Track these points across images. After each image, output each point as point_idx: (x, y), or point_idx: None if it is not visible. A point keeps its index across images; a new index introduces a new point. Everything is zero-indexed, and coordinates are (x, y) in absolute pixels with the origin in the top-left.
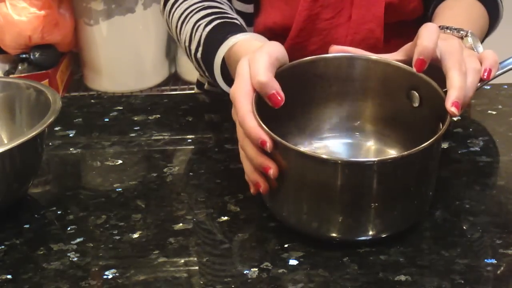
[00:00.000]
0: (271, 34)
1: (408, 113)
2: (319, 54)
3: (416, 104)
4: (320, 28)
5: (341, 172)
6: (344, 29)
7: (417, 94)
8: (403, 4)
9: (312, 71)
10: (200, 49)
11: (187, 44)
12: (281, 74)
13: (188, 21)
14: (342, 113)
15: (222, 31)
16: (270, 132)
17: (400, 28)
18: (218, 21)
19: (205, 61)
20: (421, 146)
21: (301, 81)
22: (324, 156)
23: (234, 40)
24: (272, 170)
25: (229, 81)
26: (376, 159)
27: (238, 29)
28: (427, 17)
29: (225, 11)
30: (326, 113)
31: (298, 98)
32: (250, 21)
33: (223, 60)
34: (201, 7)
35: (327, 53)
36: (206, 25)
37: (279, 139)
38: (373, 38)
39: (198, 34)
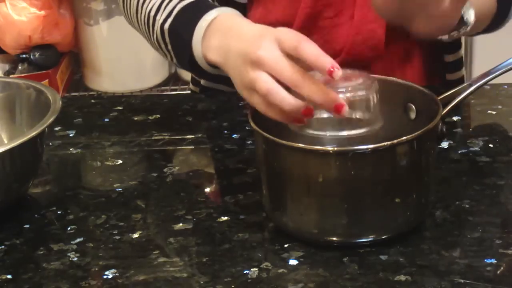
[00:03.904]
0: None
1: (408, 128)
2: None
3: (413, 117)
4: (321, 26)
5: (334, 161)
6: (346, 28)
7: (413, 107)
8: None
9: None
10: (170, 20)
11: (152, 14)
12: None
13: None
14: (344, 136)
15: (200, 5)
16: (264, 133)
17: (402, 31)
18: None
19: (174, 32)
20: (410, 136)
21: None
22: (316, 147)
23: (215, 14)
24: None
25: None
26: (370, 146)
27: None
28: None
29: None
30: (326, 137)
31: None
32: (243, 12)
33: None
34: None
35: (327, 52)
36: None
37: (272, 137)
38: (375, 39)
39: (171, 5)
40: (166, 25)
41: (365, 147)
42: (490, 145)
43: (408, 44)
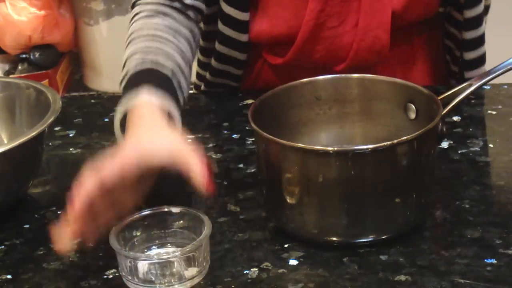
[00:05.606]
0: (276, 43)
1: (408, 128)
2: (322, 62)
3: (412, 117)
4: (325, 36)
5: (334, 161)
6: (350, 36)
7: (413, 107)
8: (408, 11)
9: (310, 93)
10: (124, 82)
11: (123, 63)
12: (279, 94)
13: (132, 45)
14: (344, 135)
15: (139, 83)
16: (264, 133)
17: (405, 35)
18: (148, 66)
19: (123, 95)
20: (410, 136)
21: (300, 102)
22: (316, 147)
23: (135, 103)
24: None
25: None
26: (370, 146)
27: (159, 83)
28: (433, 20)
29: (168, 51)
30: (327, 136)
31: (297, 119)
32: (244, 28)
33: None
34: (149, 38)
35: (332, 60)
36: (136, 65)
37: (272, 137)
38: (379, 45)
39: (127, 67)
40: (122, 85)
41: (365, 147)
42: (490, 145)
43: (412, 47)
